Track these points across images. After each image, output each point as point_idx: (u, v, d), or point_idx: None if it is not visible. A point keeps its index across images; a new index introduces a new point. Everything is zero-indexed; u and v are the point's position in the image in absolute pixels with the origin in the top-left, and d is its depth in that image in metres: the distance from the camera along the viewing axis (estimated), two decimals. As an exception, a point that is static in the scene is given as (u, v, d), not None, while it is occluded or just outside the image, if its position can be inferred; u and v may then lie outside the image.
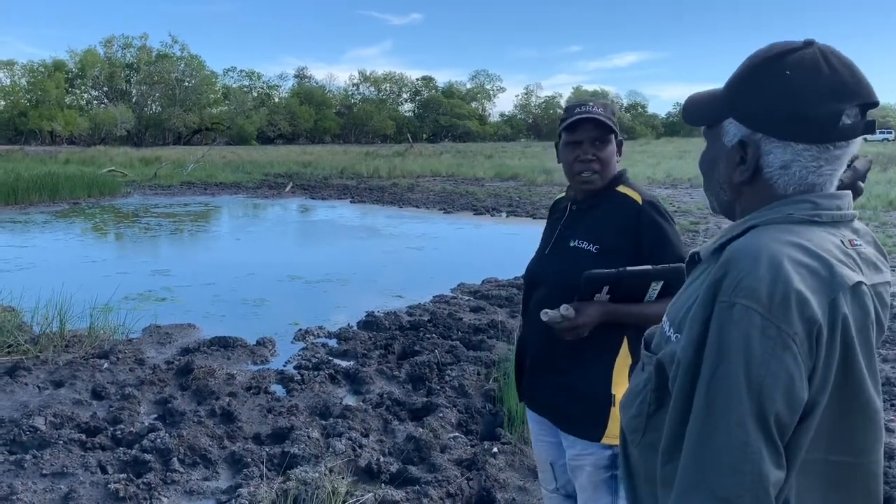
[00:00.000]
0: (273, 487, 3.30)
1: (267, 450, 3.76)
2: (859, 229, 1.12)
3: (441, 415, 4.23)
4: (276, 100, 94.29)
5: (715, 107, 1.14)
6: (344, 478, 3.34)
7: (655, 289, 1.90)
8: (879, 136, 67.95)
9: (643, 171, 25.80)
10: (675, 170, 27.37)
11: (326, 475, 3.30)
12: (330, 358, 5.55)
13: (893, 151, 39.05)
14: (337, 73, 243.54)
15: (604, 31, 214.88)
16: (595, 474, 2.00)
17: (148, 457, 3.64)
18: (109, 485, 3.35)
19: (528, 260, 2.28)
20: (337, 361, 5.47)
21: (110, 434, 3.98)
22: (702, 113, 1.17)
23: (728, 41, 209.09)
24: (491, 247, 12.13)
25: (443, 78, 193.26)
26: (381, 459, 3.66)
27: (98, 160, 32.14)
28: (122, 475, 3.48)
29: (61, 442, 3.82)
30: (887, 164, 27.39)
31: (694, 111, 1.19)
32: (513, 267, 8.85)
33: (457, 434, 4.03)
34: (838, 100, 1.03)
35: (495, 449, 3.81)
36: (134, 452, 3.71)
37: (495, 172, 28.55)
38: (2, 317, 6.13)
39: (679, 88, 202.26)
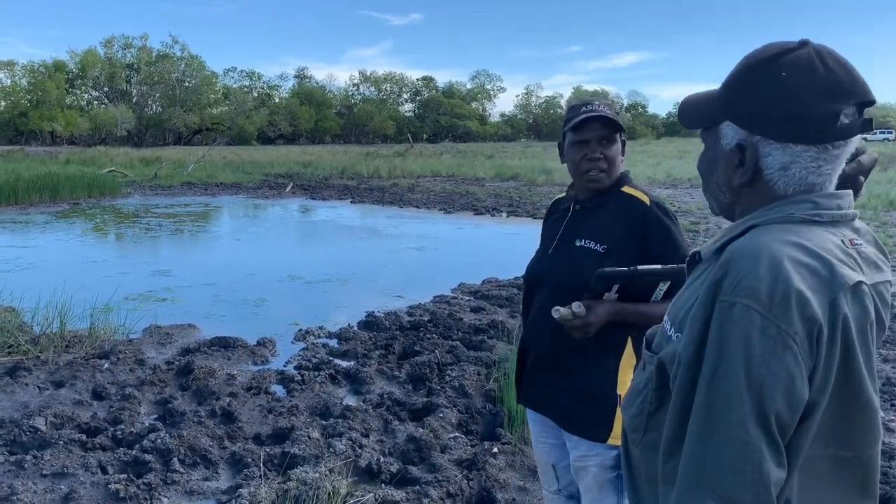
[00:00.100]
0: (273, 487, 3.30)
1: (267, 450, 3.76)
2: (860, 228, 1.12)
3: (441, 415, 4.22)
4: (277, 100, 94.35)
5: (711, 109, 1.14)
6: (344, 478, 3.34)
7: (662, 289, 1.90)
8: (880, 136, 67.85)
9: (643, 171, 25.80)
10: (676, 170, 27.38)
11: (327, 475, 3.30)
12: (330, 358, 5.55)
13: (894, 151, 39.02)
14: (337, 74, 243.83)
15: (604, 31, 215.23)
16: (601, 475, 2.00)
17: (148, 457, 3.65)
18: (110, 485, 3.36)
19: (529, 260, 2.27)
20: (337, 361, 5.47)
21: (111, 434, 3.99)
22: (698, 115, 1.17)
23: (728, 41, 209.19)
24: (491, 247, 12.13)
25: (443, 78, 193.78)
26: (382, 459, 3.66)
27: (98, 160, 32.16)
28: (123, 475, 3.48)
29: (62, 442, 3.82)
30: (888, 164, 27.38)
31: (690, 114, 1.18)
32: (513, 267, 8.85)
33: (457, 434, 4.03)
34: (835, 99, 1.03)
35: (495, 449, 3.81)
36: (134, 453, 3.72)
37: (496, 172, 28.56)
38: (2, 317, 6.13)
39: (679, 88, 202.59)
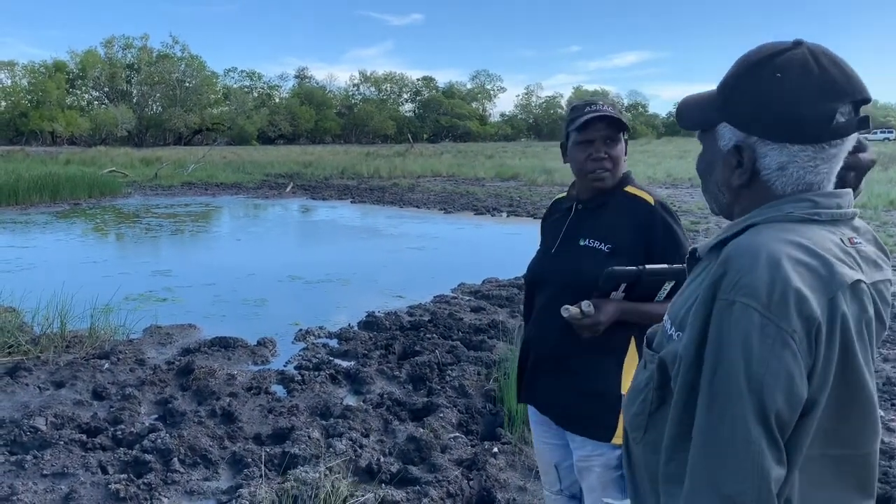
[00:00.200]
0: (273, 487, 3.30)
1: (267, 450, 3.76)
2: (860, 227, 1.12)
3: (441, 415, 4.22)
4: (277, 100, 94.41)
5: (708, 111, 1.14)
6: (344, 478, 3.34)
7: (666, 288, 1.91)
8: (880, 136, 67.83)
9: (644, 171, 25.79)
10: (676, 170, 27.38)
11: (327, 475, 3.30)
12: (330, 358, 5.55)
13: (894, 151, 39.02)
14: (337, 74, 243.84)
15: (604, 31, 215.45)
16: (605, 474, 2.00)
17: (148, 457, 3.65)
18: (110, 485, 3.36)
19: (529, 260, 2.27)
20: (337, 361, 5.48)
21: (111, 434, 3.99)
22: (696, 117, 1.17)
23: (728, 41, 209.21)
24: (491, 247, 12.13)
25: (443, 78, 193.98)
26: (382, 459, 3.66)
27: (99, 161, 32.17)
28: (123, 475, 3.48)
29: (62, 442, 3.82)
30: (888, 164, 27.37)
31: (688, 115, 1.19)
32: (513, 267, 8.84)
33: (457, 434, 4.03)
34: (830, 99, 1.03)
35: (496, 449, 3.81)
36: (134, 453, 3.72)
37: (496, 172, 28.56)
38: (3, 317, 6.13)
39: (679, 88, 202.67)
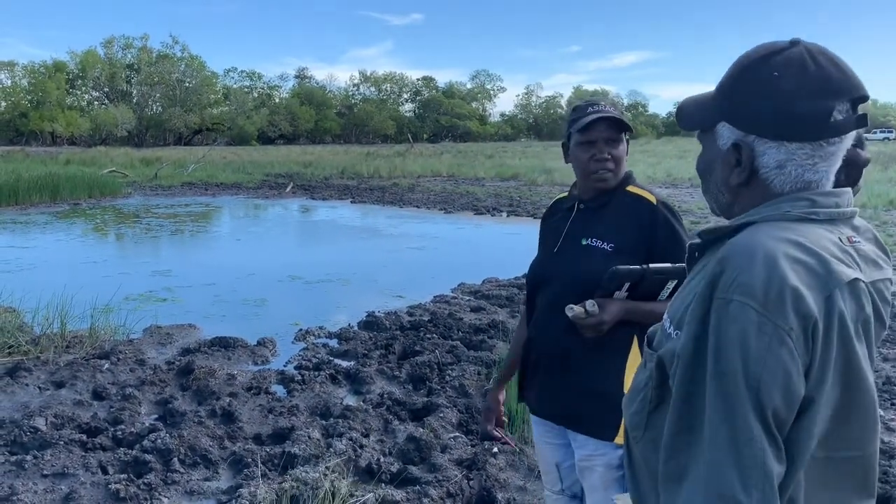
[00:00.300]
0: (273, 487, 3.29)
1: (267, 450, 3.76)
2: (859, 226, 1.12)
3: (441, 415, 4.23)
4: (277, 100, 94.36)
5: (707, 111, 1.15)
6: (344, 478, 3.34)
7: (669, 287, 1.91)
8: (880, 136, 67.83)
9: (644, 171, 25.78)
10: (676, 169, 27.39)
11: (327, 475, 3.30)
12: (330, 358, 5.55)
13: (894, 150, 39.02)
14: (337, 74, 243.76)
15: (604, 31, 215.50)
16: (607, 474, 2.00)
17: (148, 457, 3.65)
18: (110, 485, 3.36)
19: (529, 260, 2.27)
20: (337, 361, 5.48)
21: (111, 434, 3.99)
22: (695, 117, 1.18)
23: (728, 40, 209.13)
24: (491, 247, 12.13)
25: (443, 78, 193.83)
26: (382, 459, 3.66)
27: (99, 161, 32.18)
28: (123, 475, 3.48)
29: (62, 442, 3.82)
30: (888, 163, 27.37)
31: (687, 116, 1.20)
32: (513, 267, 8.85)
33: (457, 434, 4.03)
34: (827, 97, 1.04)
35: (496, 449, 3.81)
36: (134, 453, 3.72)
37: (496, 172, 28.56)
38: (3, 317, 6.13)
39: (679, 88, 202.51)
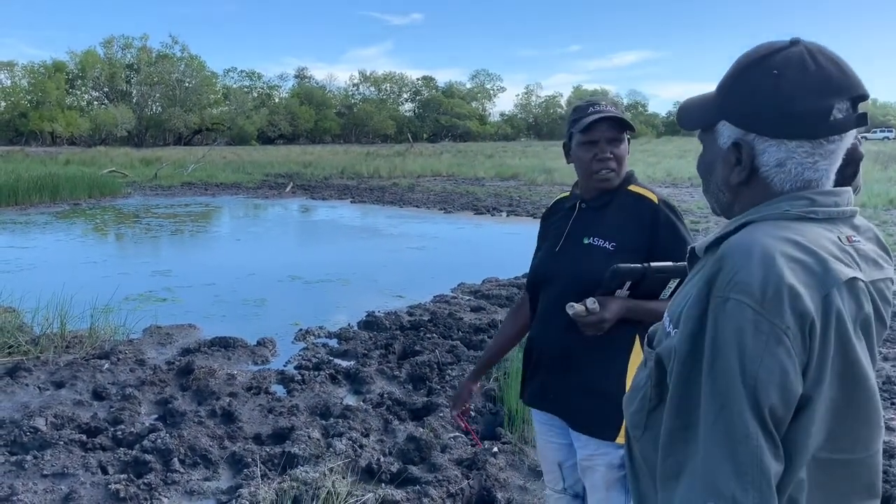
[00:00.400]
0: (273, 487, 3.29)
1: (267, 450, 3.76)
2: (860, 226, 1.12)
3: (441, 414, 4.23)
4: (277, 100, 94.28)
5: (707, 110, 1.16)
6: (344, 478, 3.33)
7: (671, 286, 1.91)
8: (880, 135, 67.81)
9: (644, 171, 25.77)
10: (676, 169, 27.38)
11: (327, 475, 3.30)
12: (330, 358, 5.55)
13: (894, 150, 39.01)
14: (337, 74, 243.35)
15: (604, 31, 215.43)
16: (608, 474, 2.00)
17: (148, 457, 3.65)
18: (110, 485, 3.36)
19: (529, 259, 2.27)
20: (337, 361, 5.48)
21: (111, 434, 3.99)
22: (696, 117, 1.19)
23: (728, 40, 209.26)
24: (491, 246, 12.13)
25: (443, 78, 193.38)
26: (382, 459, 3.66)
27: (98, 161, 32.16)
28: (123, 476, 3.48)
29: (62, 442, 3.82)
30: (888, 163, 27.36)
31: (688, 115, 1.21)
32: (513, 266, 8.85)
33: (457, 434, 4.03)
34: (827, 95, 1.04)
35: (496, 448, 3.81)
36: (134, 453, 3.72)
37: (495, 172, 28.57)
38: (2, 317, 6.13)
39: (679, 87, 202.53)
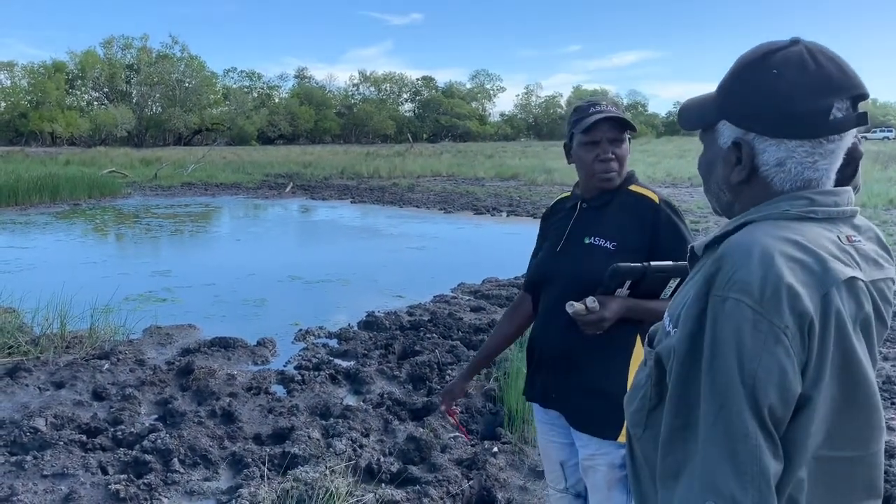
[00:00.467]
0: (273, 488, 3.29)
1: (267, 450, 3.76)
2: (861, 226, 1.12)
3: (441, 414, 4.22)
4: (277, 100, 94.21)
5: (708, 110, 1.16)
6: (344, 478, 3.34)
7: (671, 285, 1.91)
8: (880, 135, 67.82)
9: (643, 171, 25.76)
10: (676, 169, 27.38)
11: (327, 475, 3.30)
12: (330, 358, 5.55)
13: (894, 150, 39.01)
14: (337, 74, 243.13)
15: (604, 31, 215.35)
16: (610, 473, 2.00)
17: (148, 457, 3.64)
18: (110, 485, 3.35)
19: (529, 259, 2.27)
20: (337, 361, 5.48)
21: (111, 435, 3.99)
22: (696, 117, 1.19)
23: (728, 40, 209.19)
24: (491, 246, 12.13)
25: (443, 78, 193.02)
26: (382, 459, 3.66)
27: (98, 161, 32.15)
28: (123, 476, 3.48)
29: (62, 443, 3.82)
30: (888, 163, 27.36)
31: (688, 116, 1.21)
32: (513, 266, 8.84)
33: (457, 434, 4.03)
34: (826, 94, 1.04)
35: (496, 448, 3.81)
36: (134, 453, 3.72)
37: (495, 172, 28.56)
38: (2, 318, 6.13)
39: (679, 87, 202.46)
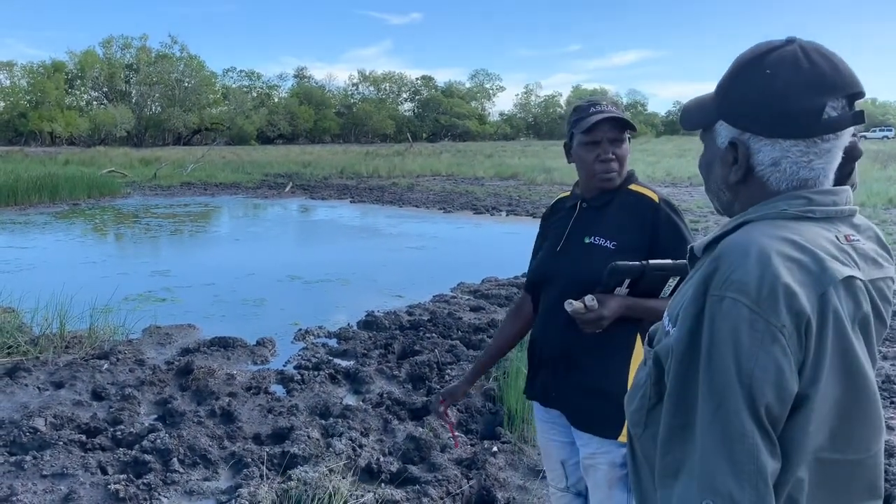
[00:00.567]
0: (273, 488, 3.29)
1: (267, 450, 3.76)
2: (860, 225, 1.12)
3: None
4: (276, 100, 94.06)
5: (706, 111, 1.17)
6: (344, 478, 3.34)
7: (671, 284, 1.92)
8: (879, 134, 67.88)
9: (643, 170, 25.76)
10: (675, 168, 27.38)
11: (326, 475, 3.30)
12: (330, 358, 5.55)
13: (893, 149, 39.04)
14: (336, 73, 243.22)
15: (603, 30, 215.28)
16: (611, 472, 2.00)
17: (148, 457, 3.65)
18: (109, 485, 3.36)
19: (528, 259, 2.27)
20: (337, 361, 5.48)
21: (110, 435, 3.99)
22: (695, 118, 1.21)
23: (728, 39, 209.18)
24: (490, 246, 12.13)
25: (442, 77, 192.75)
26: (381, 459, 3.66)
27: (98, 161, 32.13)
28: (123, 476, 3.48)
29: (61, 443, 3.82)
30: (887, 162, 27.37)
31: (689, 116, 1.23)
32: (512, 266, 8.85)
33: (457, 434, 4.03)
34: (819, 93, 1.04)
35: (495, 448, 3.81)
36: (134, 453, 3.72)
37: (495, 172, 28.57)
38: (2, 318, 6.13)
39: (678, 87, 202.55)
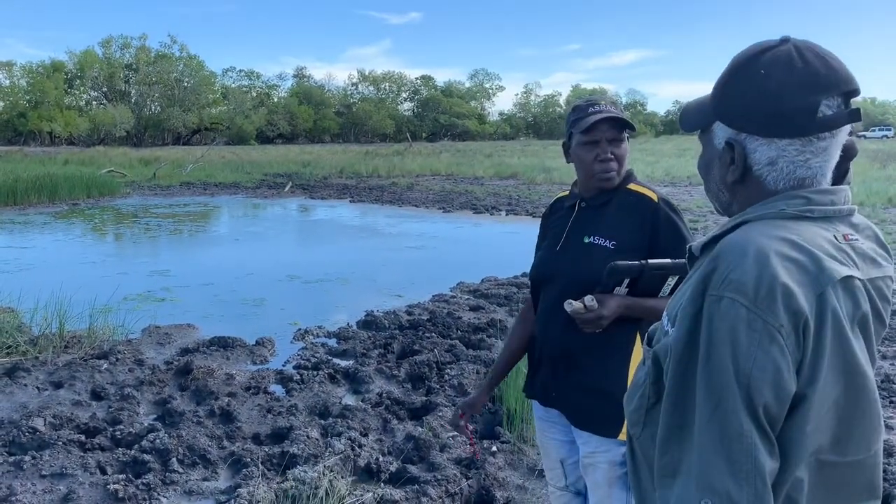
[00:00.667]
0: (272, 487, 3.29)
1: (266, 450, 3.76)
2: (859, 224, 1.13)
3: (440, 414, 4.23)
4: (275, 100, 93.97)
5: (704, 112, 1.18)
6: (343, 477, 3.34)
7: (670, 283, 1.92)
8: (879, 134, 67.96)
9: (642, 170, 25.77)
10: (675, 168, 27.40)
11: (326, 475, 3.30)
12: (329, 357, 5.55)
13: (892, 148, 39.05)
14: (336, 73, 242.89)
15: (603, 30, 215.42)
16: (610, 471, 2.00)
17: (147, 457, 3.64)
18: (109, 485, 3.35)
19: (528, 258, 2.27)
20: (336, 361, 5.47)
21: (109, 435, 3.99)
22: (694, 119, 1.21)
23: (726, 39, 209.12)
24: (490, 246, 12.13)
25: (442, 77, 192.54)
26: (381, 459, 3.66)
27: (97, 161, 32.12)
28: (122, 476, 3.48)
29: (60, 443, 3.82)
30: (886, 161, 27.38)
31: (687, 118, 1.23)
32: (512, 266, 8.85)
33: (456, 433, 4.03)
34: (814, 92, 1.05)
35: (495, 448, 3.81)
36: (133, 453, 3.71)
37: (494, 171, 28.57)
38: (1, 318, 6.12)
39: (678, 86, 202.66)
